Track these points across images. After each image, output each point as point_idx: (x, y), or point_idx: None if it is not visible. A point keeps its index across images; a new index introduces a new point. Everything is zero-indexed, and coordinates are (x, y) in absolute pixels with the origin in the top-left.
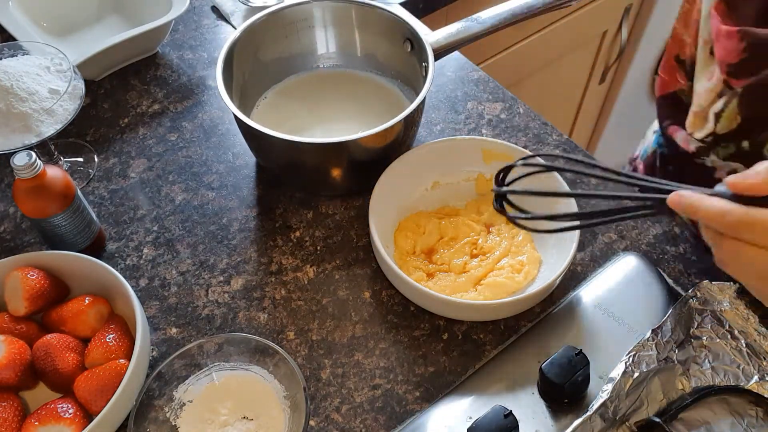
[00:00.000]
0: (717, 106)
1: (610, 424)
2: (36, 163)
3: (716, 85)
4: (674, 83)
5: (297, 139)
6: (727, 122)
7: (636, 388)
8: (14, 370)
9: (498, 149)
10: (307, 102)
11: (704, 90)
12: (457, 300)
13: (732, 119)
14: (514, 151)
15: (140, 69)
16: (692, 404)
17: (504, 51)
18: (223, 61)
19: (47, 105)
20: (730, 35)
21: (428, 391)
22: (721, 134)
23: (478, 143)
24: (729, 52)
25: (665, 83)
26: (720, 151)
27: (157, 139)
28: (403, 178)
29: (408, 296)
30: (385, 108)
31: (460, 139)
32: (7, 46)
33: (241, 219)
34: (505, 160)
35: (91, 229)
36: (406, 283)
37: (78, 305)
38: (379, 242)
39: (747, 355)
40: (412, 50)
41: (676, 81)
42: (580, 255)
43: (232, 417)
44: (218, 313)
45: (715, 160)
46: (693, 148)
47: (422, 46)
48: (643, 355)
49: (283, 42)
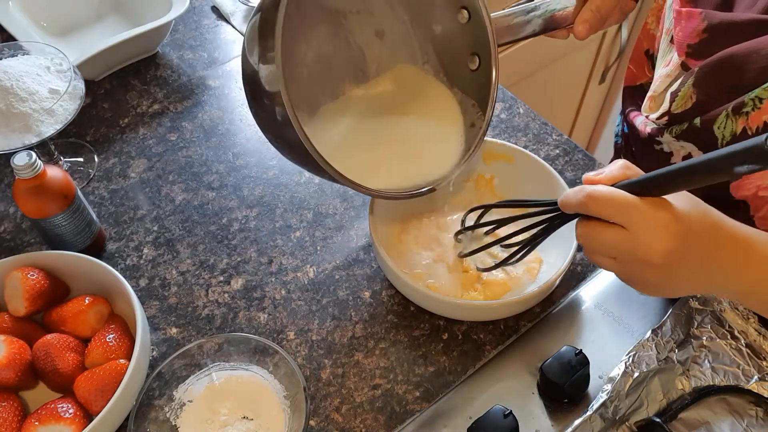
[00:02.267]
0: (673, 87)
1: (610, 424)
2: (36, 163)
3: (672, 70)
4: (642, 76)
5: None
6: (682, 102)
7: (636, 388)
8: (14, 370)
9: (497, 149)
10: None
11: (661, 75)
12: (456, 300)
13: (687, 99)
14: (513, 151)
15: (140, 69)
16: (692, 404)
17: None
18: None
19: (47, 105)
20: (691, 16)
21: (428, 391)
22: (676, 113)
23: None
24: (689, 33)
25: (633, 75)
26: (674, 129)
27: (157, 139)
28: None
29: (408, 297)
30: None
31: None
32: (7, 46)
33: (241, 219)
34: (505, 160)
35: (91, 229)
36: (406, 284)
37: (78, 305)
38: (379, 245)
39: (747, 355)
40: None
41: (644, 74)
42: (579, 255)
43: (232, 417)
44: (218, 313)
45: (670, 141)
46: (649, 129)
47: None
48: (643, 355)
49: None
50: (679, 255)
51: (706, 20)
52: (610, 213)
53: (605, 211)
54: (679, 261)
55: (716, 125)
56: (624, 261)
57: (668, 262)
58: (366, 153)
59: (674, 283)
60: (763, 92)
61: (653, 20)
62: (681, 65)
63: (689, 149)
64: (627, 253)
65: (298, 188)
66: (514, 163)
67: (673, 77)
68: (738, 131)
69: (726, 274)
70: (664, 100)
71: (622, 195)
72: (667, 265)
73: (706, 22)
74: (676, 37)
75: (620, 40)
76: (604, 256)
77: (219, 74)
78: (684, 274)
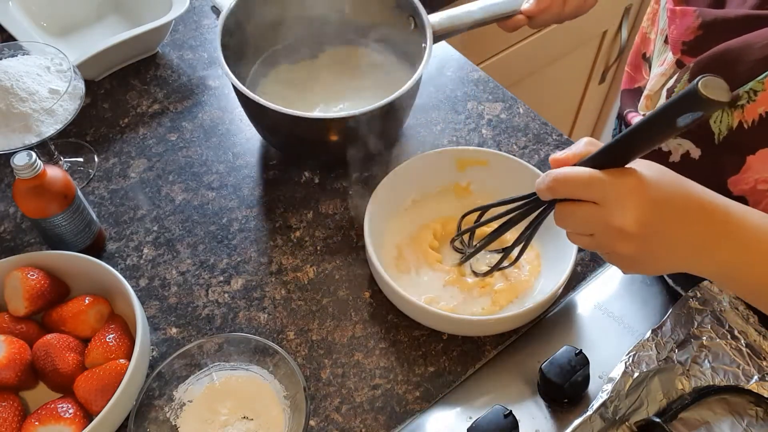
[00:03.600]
0: (669, 84)
1: (610, 424)
2: (36, 163)
3: (667, 68)
4: (639, 79)
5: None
6: None
7: (636, 388)
8: (14, 370)
9: (468, 155)
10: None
11: (656, 75)
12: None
13: None
14: (485, 154)
15: (140, 69)
16: (692, 404)
17: (504, 51)
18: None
19: (47, 105)
20: (685, 14)
21: (428, 391)
22: None
23: (450, 153)
24: (683, 30)
25: (631, 78)
26: None
27: (157, 139)
28: (382, 205)
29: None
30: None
31: (431, 153)
32: (7, 46)
33: (241, 219)
34: (478, 165)
35: (91, 229)
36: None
37: (78, 305)
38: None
39: (747, 355)
40: (415, 28)
41: (641, 77)
42: (579, 255)
43: (232, 417)
44: (218, 313)
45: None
46: None
47: (424, 24)
48: (643, 355)
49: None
50: (651, 224)
51: (701, 17)
52: (577, 191)
53: (572, 189)
54: (653, 231)
55: (712, 120)
56: (600, 235)
57: (642, 232)
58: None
59: (652, 256)
60: (758, 84)
61: (649, 23)
62: (676, 63)
63: (687, 147)
64: (602, 226)
65: (298, 188)
66: (489, 166)
67: (669, 75)
68: (734, 125)
69: (703, 245)
70: (660, 98)
71: (584, 171)
72: (642, 235)
73: (701, 19)
74: (671, 36)
75: (620, 40)
76: (582, 234)
77: (219, 74)
78: (660, 245)
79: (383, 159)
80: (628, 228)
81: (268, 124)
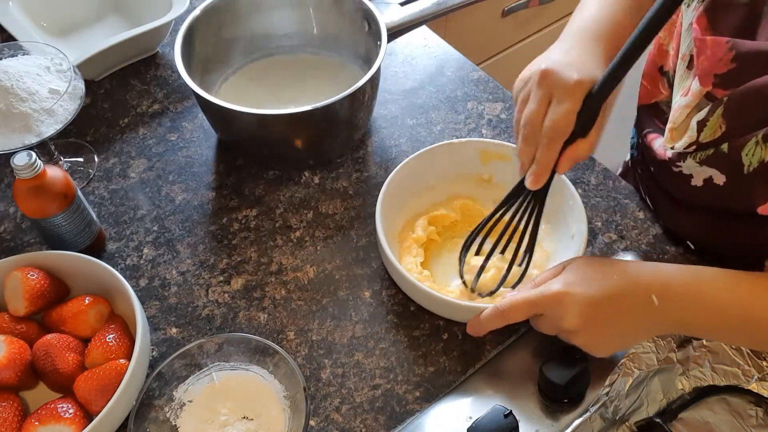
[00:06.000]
0: (699, 116)
1: (610, 424)
2: (36, 163)
3: (692, 100)
4: (657, 93)
5: (257, 111)
6: (711, 131)
7: (636, 388)
8: (14, 370)
9: (494, 149)
10: (269, 83)
11: (679, 106)
12: (461, 303)
13: (716, 128)
14: (510, 149)
15: (140, 69)
16: (692, 404)
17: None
18: (183, 39)
19: (47, 105)
20: (717, 44)
21: (428, 391)
22: (704, 142)
23: (475, 145)
24: (716, 62)
25: (648, 93)
26: (698, 155)
27: (157, 139)
28: (401, 190)
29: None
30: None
31: (457, 142)
32: (7, 46)
33: (241, 219)
34: (501, 160)
35: (91, 229)
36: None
37: (78, 305)
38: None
39: (747, 355)
40: (370, 30)
41: (659, 91)
42: None
43: (232, 417)
44: (218, 313)
45: (692, 166)
46: (669, 155)
47: (377, 24)
48: (643, 355)
49: (243, 22)
50: (591, 318)
51: (734, 49)
52: (522, 315)
53: (521, 314)
54: (594, 322)
55: (744, 152)
56: (560, 333)
57: (586, 326)
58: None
59: (604, 341)
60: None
61: (666, 35)
62: (705, 95)
63: (710, 173)
64: (556, 329)
65: (298, 188)
66: (512, 162)
67: (693, 106)
68: (766, 158)
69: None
70: (688, 129)
71: (520, 298)
72: (586, 329)
73: (734, 51)
74: (701, 66)
75: None
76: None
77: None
78: (609, 332)
79: (373, 159)
80: (572, 327)
81: (224, 124)
